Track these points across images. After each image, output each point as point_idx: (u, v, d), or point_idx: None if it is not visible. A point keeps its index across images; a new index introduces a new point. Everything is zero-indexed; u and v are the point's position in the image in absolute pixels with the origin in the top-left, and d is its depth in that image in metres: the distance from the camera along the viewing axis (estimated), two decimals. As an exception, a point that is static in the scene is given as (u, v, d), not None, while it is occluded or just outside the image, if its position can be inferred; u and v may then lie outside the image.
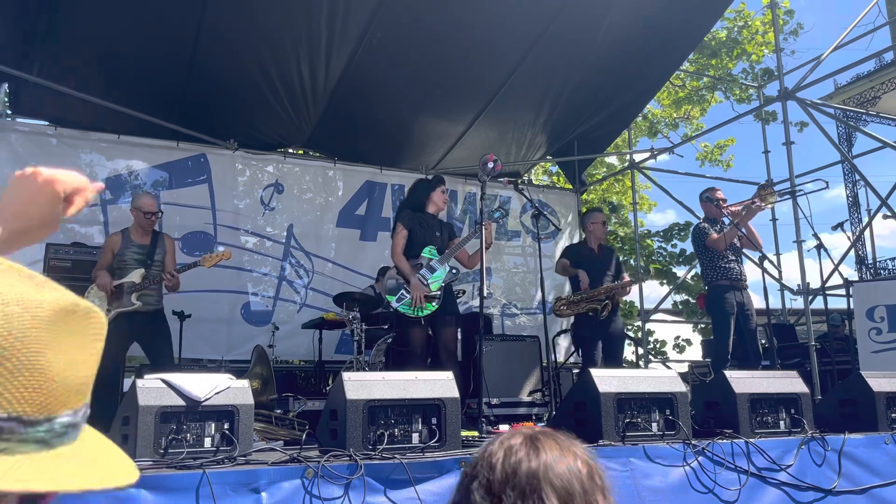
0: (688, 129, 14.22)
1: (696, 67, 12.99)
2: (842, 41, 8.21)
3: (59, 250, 5.77)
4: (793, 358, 7.55)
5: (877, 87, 15.88)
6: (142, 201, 5.22)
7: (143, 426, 2.69)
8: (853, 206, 17.40)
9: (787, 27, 12.65)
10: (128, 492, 2.31)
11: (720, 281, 5.70)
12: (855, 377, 4.26)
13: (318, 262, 8.17)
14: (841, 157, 10.42)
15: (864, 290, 6.72)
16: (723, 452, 3.35)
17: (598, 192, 14.04)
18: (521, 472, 1.08)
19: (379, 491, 2.65)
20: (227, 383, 2.95)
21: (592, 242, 6.18)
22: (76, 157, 7.29)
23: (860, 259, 16.00)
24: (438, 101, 7.98)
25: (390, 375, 3.16)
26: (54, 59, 6.68)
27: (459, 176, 9.08)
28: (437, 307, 4.85)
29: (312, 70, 7.14)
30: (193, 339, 6.81)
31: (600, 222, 6.22)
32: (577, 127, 9.01)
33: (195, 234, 7.54)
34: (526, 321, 9.20)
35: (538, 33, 7.12)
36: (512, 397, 6.34)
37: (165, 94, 7.22)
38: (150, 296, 5.08)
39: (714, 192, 5.99)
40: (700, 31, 8.32)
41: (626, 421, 3.38)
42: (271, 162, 8.20)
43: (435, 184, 5.19)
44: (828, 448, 3.58)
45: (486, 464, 1.12)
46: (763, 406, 3.79)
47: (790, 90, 7.47)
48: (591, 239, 6.20)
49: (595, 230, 6.16)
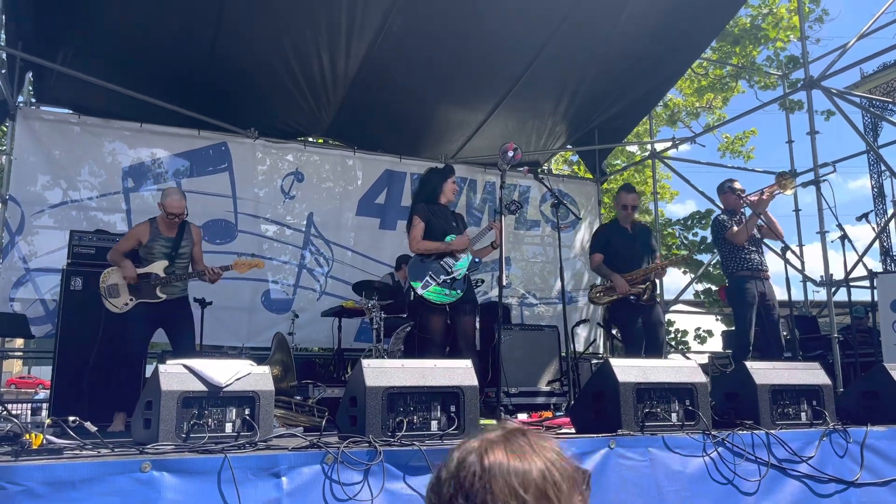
0: (709, 118, 14.06)
1: (719, 55, 12.82)
2: (868, 29, 8.06)
3: (82, 237, 5.84)
4: (815, 350, 7.47)
5: (904, 75, 15.58)
6: (169, 200, 5.12)
7: (165, 411, 2.72)
8: (878, 196, 17.11)
9: (812, 15, 12.43)
10: (150, 474, 2.34)
11: (741, 272, 5.64)
12: (878, 369, 4.21)
13: (337, 250, 8.21)
14: (867, 146, 10.26)
15: (888, 282, 6.62)
16: (743, 443, 3.32)
17: (618, 181, 13.94)
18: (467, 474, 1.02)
19: (398, 477, 2.67)
20: (247, 370, 2.98)
21: (625, 221, 5.87)
22: (99, 145, 7.37)
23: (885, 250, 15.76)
24: (458, 89, 7.95)
25: (409, 363, 3.17)
26: (77, 48, 6.75)
27: (479, 165, 9.06)
28: (461, 295, 4.87)
29: (332, 58, 7.14)
30: (214, 326, 6.88)
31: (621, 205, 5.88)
32: (598, 116, 8.94)
33: (216, 221, 7.60)
34: (544, 311, 9.18)
35: (558, 21, 7.06)
36: (530, 387, 6.34)
37: (187, 82, 7.26)
38: (175, 286, 5.14)
39: (733, 183, 5.92)
40: (723, 17, 8.21)
41: (646, 411, 3.36)
42: (291, 150, 8.23)
43: (447, 174, 5.18)
44: (850, 440, 3.55)
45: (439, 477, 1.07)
46: (784, 397, 3.76)
47: (815, 78, 7.36)
48: (622, 218, 5.89)
49: (619, 212, 5.88)
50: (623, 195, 5.93)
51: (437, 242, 4.92)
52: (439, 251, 4.90)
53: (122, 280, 5.04)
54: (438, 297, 4.81)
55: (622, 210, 5.87)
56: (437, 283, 4.81)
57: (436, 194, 5.11)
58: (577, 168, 13.42)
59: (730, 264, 5.74)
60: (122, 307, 5.02)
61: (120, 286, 5.05)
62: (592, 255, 5.91)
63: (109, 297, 5.04)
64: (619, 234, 5.83)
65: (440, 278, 4.83)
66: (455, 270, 4.88)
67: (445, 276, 4.85)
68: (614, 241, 5.78)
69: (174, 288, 5.13)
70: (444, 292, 4.83)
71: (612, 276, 5.60)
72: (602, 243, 5.87)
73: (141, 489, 2.31)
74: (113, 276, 5.09)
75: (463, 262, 4.94)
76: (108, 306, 5.04)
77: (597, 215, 9.91)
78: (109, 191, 7.31)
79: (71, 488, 2.22)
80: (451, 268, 4.87)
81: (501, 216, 4.73)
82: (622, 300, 5.57)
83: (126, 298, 5.03)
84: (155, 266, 5.09)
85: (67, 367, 5.47)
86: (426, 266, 4.87)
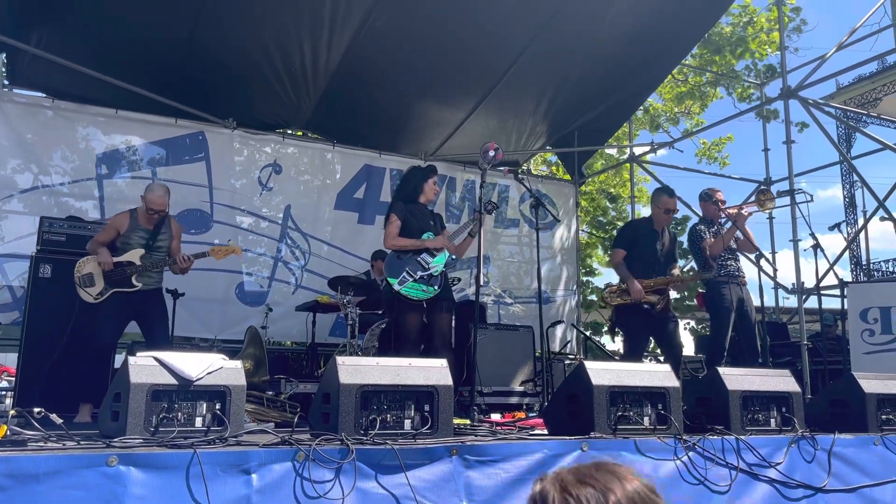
0: (688, 124, 14.19)
1: (700, 62, 12.94)
2: (846, 41, 8.18)
3: (53, 224, 5.72)
4: (784, 356, 7.57)
5: (878, 88, 15.87)
6: (151, 195, 5.07)
7: (134, 404, 2.67)
8: (849, 206, 17.43)
9: (791, 24, 12.59)
10: (117, 468, 2.29)
11: (718, 277, 5.68)
12: (847, 378, 4.27)
13: (314, 243, 8.15)
14: (840, 157, 10.41)
15: (858, 292, 6.73)
16: (713, 448, 3.35)
17: (596, 183, 14.02)
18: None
19: (370, 476, 2.64)
20: (219, 363, 2.93)
21: (659, 225, 5.68)
22: (73, 130, 7.23)
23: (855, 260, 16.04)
24: (440, 87, 7.93)
25: (384, 361, 3.15)
26: (53, 31, 6.61)
27: (458, 163, 9.05)
28: (438, 292, 4.86)
29: (314, 51, 7.08)
30: (186, 318, 6.79)
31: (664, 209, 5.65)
32: (579, 118, 8.97)
33: (191, 211, 7.50)
34: (519, 310, 9.20)
35: (542, 22, 7.07)
36: (504, 386, 6.35)
37: (165, 70, 7.15)
38: (151, 277, 5.07)
39: (714, 192, 5.93)
40: (704, 25, 8.28)
41: (619, 414, 3.37)
42: (270, 142, 8.15)
43: (428, 173, 5.15)
44: (818, 447, 3.59)
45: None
46: (755, 403, 3.79)
47: (793, 89, 7.45)
48: (660, 222, 5.68)
49: (658, 215, 5.67)
50: (666, 199, 5.68)
51: (412, 239, 4.90)
52: (414, 248, 4.88)
53: (97, 269, 4.96)
54: (416, 294, 4.79)
55: (664, 214, 5.65)
56: (414, 279, 4.79)
57: (416, 193, 5.09)
58: (555, 169, 13.47)
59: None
60: (96, 296, 4.94)
61: (95, 275, 4.97)
62: (616, 250, 5.68)
63: (84, 287, 4.96)
64: (649, 236, 5.63)
65: (417, 275, 4.81)
66: (432, 267, 4.86)
67: (423, 272, 4.83)
68: (641, 242, 5.60)
69: (149, 278, 5.06)
70: (421, 289, 4.81)
71: (630, 280, 5.40)
72: (628, 240, 5.67)
73: (107, 483, 2.26)
74: (88, 265, 5.01)
75: (440, 258, 4.93)
76: (83, 295, 4.95)
77: (573, 216, 9.96)
78: (82, 177, 7.18)
79: (35, 481, 2.17)
80: (427, 264, 4.86)
81: (481, 215, 4.73)
82: (634, 306, 5.41)
83: (101, 287, 4.94)
84: (131, 254, 5.02)
85: (34, 356, 5.36)
86: (403, 262, 4.85)
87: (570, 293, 9.63)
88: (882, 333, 6.21)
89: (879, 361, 6.05)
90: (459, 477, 2.80)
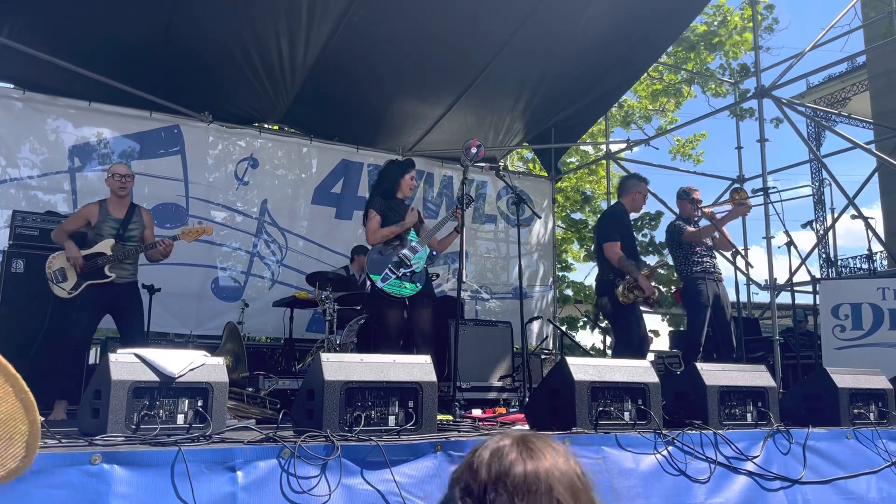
0: (662, 121, 14.33)
1: (674, 60, 13.07)
2: (818, 41, 8.32)
3: (26, 218, 5.61)
4: (757, 351, 7.70)
5: (847, 88, 16.17)
6: (114, 166, 5.22)
7: (115, 401, 2.64)
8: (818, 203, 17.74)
9: (763, 22, 12.77)
10: (100, 467, 2.27)
11: (695, 273, 5.76)
12: (819, 373, 4.35)
13: (291, 238, 8.09)
14: (811, 155, 10.60)
15: (830, 288, 6.86)
16: (692, 442, 3.40)
17: (572, 180, 14.10)
18: (514, 474, 1.10)
19: (355, 472, 2.64)
20: (201, 360, 2.91)
21: (634, 213, 5.67)
22: (42, 122, 7.09)
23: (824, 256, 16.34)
24: (418, 82, 7.92)
25: (368, 358, 3.15)
26: (25, 21, 6.47)
27: (436, 159, 9.05)
28: (420, 289, 4.86)
29: (292, 45, 7.02)
30: (162, 313, 6.70)
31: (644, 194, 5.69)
32: (556, 114, 9.02)
33: (167, 205, 7.41)
34: (496, 306, 9.24)
35: (521, 19, 7.09)
36: (483, 382, 6.37)
37: (140, 62, 7.04)
38: (125, 269, 4.99)
39: (692, 191, 6.01)
40: (681, 23, 8.38)
41: (600, 409, 3.41)
42: (245, 136, 8.07)
43: (406, 168, 5.13)
44: (792, 441, 3.66)
45: (469, 468, 1.15)
46: (732, 398, 3.85)
47: (766, 88, 7.56)
48: (635, 209, 5.68)
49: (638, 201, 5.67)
50: (643, 185, 5.71)
51: (391, 227, 4.89)
52: (395, 233, 4.88)
53: (68, 263, 4.87)
54: (398, 291, 4.79)
55: (642, 200, 5.65)
56: (396, 276, 4.79)
57: (394, 188, 5.08)
58: (531, 165, 13.52)
59: (684, 267, 5.85)
60: (70, 291, 4.85)
61: (67, 269, 4.88)
62: (613, 243, 5.46)
63: (57, 282, 4.86)
64: (630, 225, 5.62)
65: (400, 271, 4.81)
66: (414, 263, 4.87)
67: (405, 269, 4.83)
68: (627, 232, 5.55)
69: (123, 270, 4.97)
70: (403, 285, 4.81)
71: (638, 275, 5.32)
72: (624, 228, 5.56)
73: (91, 482, 2.23)
74: (58, 260, 4.92)
75: (421, 254, 4.94)
76: (57, 291, 4.85)
77: (550, 213, 10.01)
78: (52, 170, 7.05)
79: (17, 480, 2.13)
80: (409, 261, 4.86)
81: (462, 210, 4.74)
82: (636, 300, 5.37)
83: (74, 281, 4.86)
84: (101, 245, 4.93)
85: (7, 353, 5.20)
86: (385, 259, 4.84)
87: (547, 289, 9.69)
88: (853, 329, 6.34)
89: (850, 356, 6.18)
90: (444, 472, 2.81)
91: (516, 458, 1.12)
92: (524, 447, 1.14)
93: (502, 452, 1.14)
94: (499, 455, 1.14)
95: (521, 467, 1.11)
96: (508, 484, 1.09)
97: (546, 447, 1.15)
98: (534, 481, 1.09)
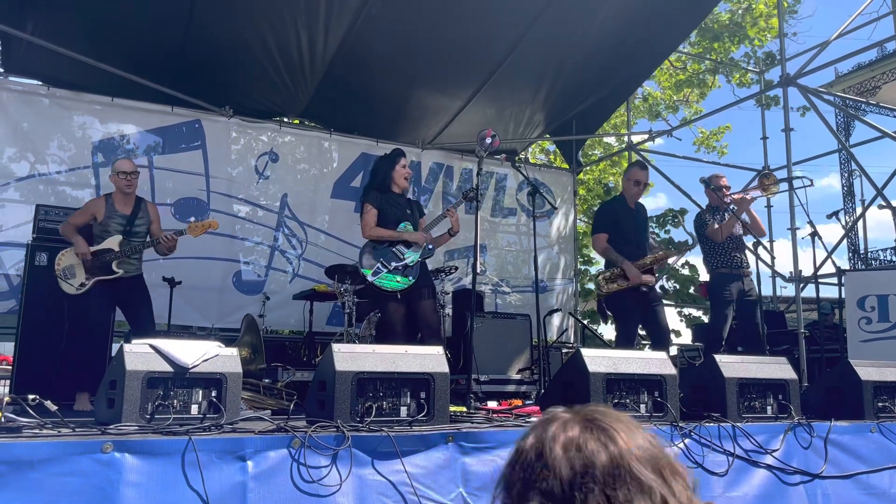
0: (686, 112, 14.16)
1: (698, 50, 12.89)
2: (845, 29, 8.15)
3: (48, 212, 5.70)
4: (781, 345, 7.59)
5: (877, 76, 15.81)
6: (118, 163, 5.20)
7: (129, 391, 2.67)
8: (848, 195, 17.40)
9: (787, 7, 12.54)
10: (111, 455, 2.29)
11: (721, 269, 5.68)
12: (843, 365, 4.27)
13: (311, 232, 8.13)
14: (839, 145, 10.39)
15: (855, 280, 6.73)
16: (709, 435, 3.36)
17: (594, 172, 14.00)
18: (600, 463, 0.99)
19: (366, 463, 2.64)
20: (215, 351, 2.92)
21: (632, 200, 5.57)
22: (69, 118, 7.19)
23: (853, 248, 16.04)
24: (437, 75, 7.89)
25: (380, 348, 3.15)
26: (49, 18, 6.56)
27: (456, 152, 9.02)
28: (414, 282, 4.83)
29: (311, 39, 7.04)
30: (183, 306, 6.78)
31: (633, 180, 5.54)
32: (576, 105, 8.94)
33: (188, 200, 7.48)
34: (517, 299, 9.20)
35: (539, 9, 7.02)
36: (501, 374, 6.36)
37: (161, 57, 7.10)
38: (131, 263, 5.05)
39: (718, 179, 5.85)
40: (701, 11, 8.24)
41: (615, 401, 3.38)
42: (266, 130, 8.11)
43: (394, 159, 5.04)
44: (814, 434, 3.60)
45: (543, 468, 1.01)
46: (751, 391, 3.79)
47: (792, 76, 7.42)
48: (629, 196, 5.57)
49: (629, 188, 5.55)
50: (637, 171, 5.60)
51: (389, 230, 4.85)
52: (392, 239, 4.84)
53: (76, 260, 4.93)
54: (390, 284, 4.75)
55: (634, 186, 5.52)
56: (388, 269, 4.75)
57: (387, 182, 5.00)
58: (553, 157, 13.44)
59: (711, 260, 5.77)
60: (79, 288, 4.91)
61: (76, 266, 4.94)
62: (598, 235, 5.49)
63: (66, 279, 4.93)
64: (626, 216, 5.51)
65: (391, 265, 4.76)
66: (407, 257, 4.82)
67: (397, 262, 4.78)
68: (621, 222, 5.47)
69: (130, 265, 5.03)
70: (395, 279, 4.76)
71: (624, 263, 5.24)
72: (609, 223, 5.49)
73: (102, 470, 2.26)
74: (67, 257, 4.98)
75: (415, 248, 4.89)
76: (66, 288, 4.91)
77: (572, 205, 9.94)
78: (78, 165, 7.15)
79: (29, 468, 2.17)
80: (402, 255, 4.81)
81: (477, 202, 4.70)
82: (627, 289, 5.25)
83: (82, 278, 4.92)
84: (109, 241, 4.99)
85: (30, 344, 5.35)
86: (377, 253, 4.81)
87: (568, 282, 9.62)
88: (879, 321, 6.21)
89: (876, 349, 6.05)
90: (456, 464, 2.80)
91: (597, 446, 1.01)
92: (597, 429, 1.03)
93: (579, 442, 1.02)
94: (577, 446, 1.01)
95: (605, 454, 1.00)
96: (598, 475, 0.98)
97: (615, 422, 1.04)
98: (619, 465, 0.99)
